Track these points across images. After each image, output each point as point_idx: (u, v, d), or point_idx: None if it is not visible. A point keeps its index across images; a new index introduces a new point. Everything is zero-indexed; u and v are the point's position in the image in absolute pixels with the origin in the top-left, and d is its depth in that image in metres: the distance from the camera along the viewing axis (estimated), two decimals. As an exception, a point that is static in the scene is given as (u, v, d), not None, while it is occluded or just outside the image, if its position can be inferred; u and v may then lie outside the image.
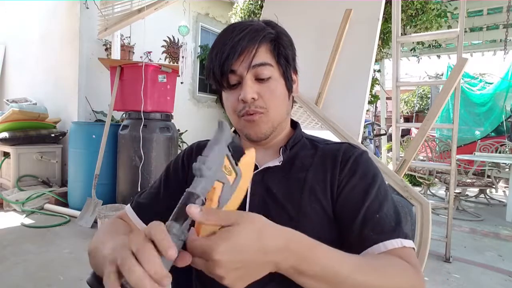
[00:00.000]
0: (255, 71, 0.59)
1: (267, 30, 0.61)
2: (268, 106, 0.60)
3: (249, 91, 0.58)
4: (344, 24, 1.80)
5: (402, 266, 0.50)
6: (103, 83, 3.66)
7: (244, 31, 0.59)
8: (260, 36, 0.59)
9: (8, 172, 3.62)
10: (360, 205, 0.57)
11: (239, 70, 0.59)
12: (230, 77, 0.60)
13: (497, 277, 2.18)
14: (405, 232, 0.56)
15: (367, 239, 0.54)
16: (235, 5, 4.02)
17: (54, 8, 4.00)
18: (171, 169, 0.73)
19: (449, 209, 2.36)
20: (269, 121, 0.62)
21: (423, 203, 1.32)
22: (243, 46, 0.58)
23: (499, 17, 4.42)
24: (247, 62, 0.58)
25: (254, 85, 0.59)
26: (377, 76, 4.26)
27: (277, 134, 0.66)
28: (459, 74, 1.93)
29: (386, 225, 0.55)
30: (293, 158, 0.65)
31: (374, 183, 0.59)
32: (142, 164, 2.85)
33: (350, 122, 1.71)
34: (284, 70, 0.63)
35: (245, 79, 0.59)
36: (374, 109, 6.85)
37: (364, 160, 0.62)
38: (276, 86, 0.61)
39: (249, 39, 0.58)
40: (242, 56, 0.58)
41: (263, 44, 0.60)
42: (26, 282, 1.84)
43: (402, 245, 0.53)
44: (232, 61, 0.58)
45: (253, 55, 0.58)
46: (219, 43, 0.60)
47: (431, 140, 4.66)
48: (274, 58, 0.61)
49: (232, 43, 0.58)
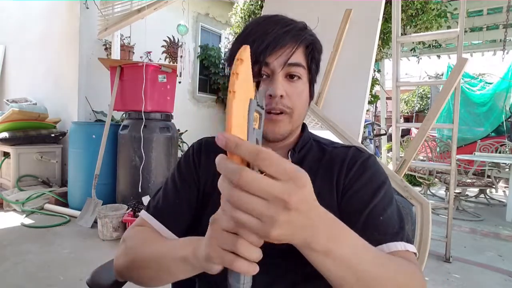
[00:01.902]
0: (288, 69, 0.59)
1: (308, 32, 0.61)
2: (293, 106, 0.60)
3: (280, 87, 0.57)
4: (344, 24, 1.80)
5: (412, 268, 0.50)
6: (103, 83, 3.66)
7: (288, 26, 0.58)
8: (302, 36, 0.59)
9: (8, 172, 3.62)
10: (365, 207, 0.57)
11: (273, 64, 0.58)
12: (262, 68, 0.58)
13: (497, 277, 2.18)
14: (408, 236, 0.56)
15: (370, 239, 0.54)
16: (235, 5, 4.02)
17: (54, 8, 4.00)
18: (183, 166, 0.70)
19: (449, 209, 2.36)
20: (291, 122, 0.61)
21: (423, 203, 1.33)
22: (286, 42, 0.57)
23: (499, 17, 4.42)
24: (284, 59, 0.57)
25: (284, 83, 0.59)
26: (377, 76, 4.26)
27: (290, 138, 0.65)
28: (459, 74, 1.93)
29: (390, 227, 0.55)
30: (301, 162, 0.64)
31: (380, 187, 0.59)
32: (142, 164, 2.85)
33: (350, 122, 1.71)
34: (313, 76, 0.63)
35: (277, 75, 0.58)
36: (374, 109, 6.85)
37: (371, 163, 0.62)
38: (303, 89, 0.61)
39: (292, 36, 0.58)
40: (280, 52, 0.57)
41: (302, 45, 0.60)
42: (26, 282, 1.84)
43: (406, 248, 0.53)
44: (271, 53, 0.57)
45: (292, 53, 0.58)
46: (258, 31, 0.58)
47: (431, 140, 4.66)
48: (307, 62, 0.61)
49: (275, 35, 0.56)
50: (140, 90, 2.88)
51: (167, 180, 0.71)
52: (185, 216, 0.65)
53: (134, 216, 2.50)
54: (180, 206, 0.65)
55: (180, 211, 0.65)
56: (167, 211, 0.66)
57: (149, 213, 0.67)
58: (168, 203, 0.66)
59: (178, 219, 0.65)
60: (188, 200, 0.66)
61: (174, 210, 0.65)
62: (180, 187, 0.67)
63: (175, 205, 0.66)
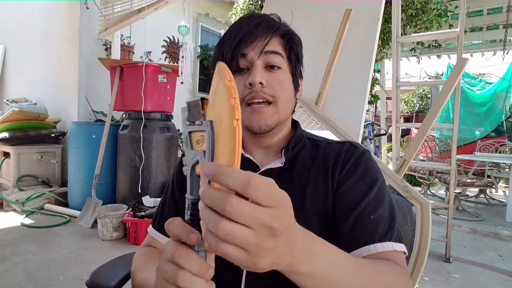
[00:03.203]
0: (266, 58, 0.59)
1: (281, 24, 0.63)
2: (276, 95, 0.59)
3: (258, 75, 0.58)
4: (344, 24, 1.80)
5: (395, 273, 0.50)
6: (103, 83, 3.66)
7: (260, 18, 0.60)
8: (275, 27, 0.60)
9: (8, 172, 3.62)
10: (356, 205, 0.57)
11: (250, 54, 0.59)
12: (240, 61, 0.59)
13: (497, 277, 2.18)
14: (397, 235, 0.56)
15: (358, 238, 0.54)
16: (235, 5, 4.02)
17: (54, 8, 4.00)
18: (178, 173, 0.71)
19: (449, 209, 2.36)
20: (277, 112, 0.60)
21: (423, 203, 1.33)
22: (259, 32, 0.59)
23: (499, 17, 4.42)
24: (259, 48, 0.58)
25: (263, 72, 0.59)
26: (377, 76, 4.26)
27: (279, 131, 0.64)
28: (459, 74, 1.93)
29: (379, 227, 0.55)
30: (295, 159, 0.64)
31: (373, 184, 0.59)
32: (142, 164, 2.85)
33: (350, 122, 1.71)
34: (294, 66, 0.63)
35: (255, 64, 0.59)
36: (374, 109, 6.84)
37: (365, 159, 0.62)
38: (284, 78, 0.61)
39: (265, 26, 0.59)
40: (255, 42, 0.59)
41: (277, 35, 0.61)
42: (26, 282, 1.84)
43: (393, 248, 0.54)
44: (246, 44, 0.58)
45: (267, 41, 0.59)
46: (233, 28, 0.61)
47: (431, 140, 4.66)
48: (285, 52, 0.62)
49: (248, 28, 0.59)
50: (140, 90, 2.88)
51: (167, 188, 0.72)
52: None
53: (134, 216, 2.50)
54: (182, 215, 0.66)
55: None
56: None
57: (154, 227, 0.69)
58: (169, 215, 0.68)
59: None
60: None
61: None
62: (178, 196, 0.69)
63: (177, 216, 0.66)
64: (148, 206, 2.68)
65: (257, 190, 0.28)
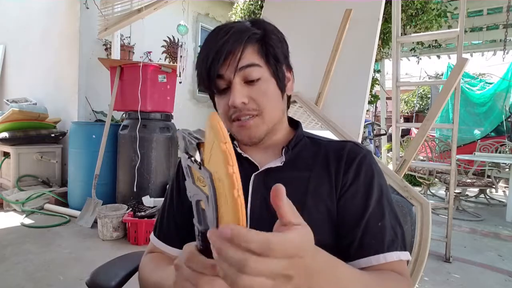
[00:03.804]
0: (243, 74, 0.57)
1: (252, 30, 0.58)
2: (261, 108, 0.59)
3: (238, 95, 0.56)
4: (344, 24, 1.80)
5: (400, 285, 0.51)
6: (103, 83, 3.66)
7: (228, 33, 0.56)
8: (245, 37, 0.57)
9: (8, 172, 3.62)
10: (363, 212, 0.57)
11: (226, 74, 0.57)
12: (218, 82, 0.58)
13: (497, 277, 2.18)
14: (402, 242, 0.57)
15: (369, 246, 0.55)
16: (235, 5, 4.02)
17: (54, 8, 4.00)
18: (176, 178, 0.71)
19: (449, 209, 2.36)
20: (264, 123, 0.60)
21: (423, 203, 1.32)
22: (228, 49, 0.56)
23: (499, 17, 4.42)
24: (233, 66, 0.56)
25: (243, 88, 0.57)
26: (377, 76, 4.26)
27: (272, 135, 0.64)
28: (459, 74, 1.93)
29: (387, 235, 0.56)
30: (295, 158, 0.63)
31: (378, 189, 0.59)
32: (142, 164, 2.85)
33: (350, 122, 1.71)
34: (274, 70, 0.60)
35: (233, 83, 0.57)
36: (374, 109, 6.85)
37: (369, 162, 0.61)
38: (267, 86, 0.59)
39: (234, 41, 0.56)
40: (227, 60, 0.56)
41: (249, 45, 0.57)
42: (26, 282, 1.84)
43: (399, 258, 0.55)
44: (218, 66, 0.56)
45: (239, 57, 0.56)
46: (205, 48, 0.58)
47: (431, 140, 4.66)
48: (262, 59, 0.59)
49: (217, 47, 0.56)
50: (140, 90, 2.88)
51: (166, 195, 0.73)
52: (187, 229, 0.66)
53: (134, 216, 2.50)
54: (181, 221, 0.67)
55: (181, 227, 0.67)
56: (169, 230, 0.68)
57: (155, 235, 0.70)
58: (169, 222, 0.69)
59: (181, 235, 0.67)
60: (185, 213, 0.66)
61: (175, 227, 0.68)
62: (177, 202, 0.69)
63: (176, 223, 0.68)
64: (148, 206, 2.68)
65: (275, 251, 0.29)
